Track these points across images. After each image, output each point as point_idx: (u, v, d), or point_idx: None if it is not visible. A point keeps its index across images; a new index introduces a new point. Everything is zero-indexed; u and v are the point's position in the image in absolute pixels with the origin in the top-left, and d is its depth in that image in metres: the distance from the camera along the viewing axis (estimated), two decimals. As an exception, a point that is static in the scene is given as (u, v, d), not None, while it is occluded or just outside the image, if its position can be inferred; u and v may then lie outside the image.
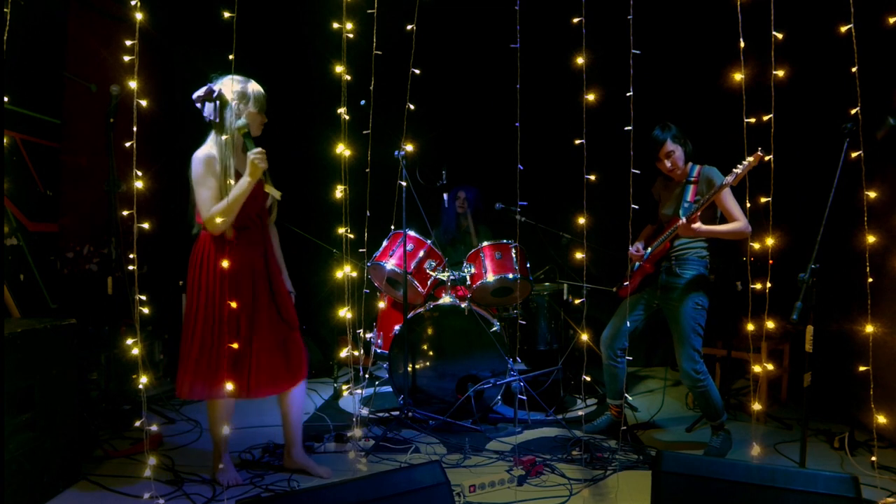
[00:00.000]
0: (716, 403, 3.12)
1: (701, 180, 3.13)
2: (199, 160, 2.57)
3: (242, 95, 2.61)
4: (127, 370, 3.80)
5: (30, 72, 3.50)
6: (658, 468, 2.07)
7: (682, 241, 3.17)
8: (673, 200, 3.22)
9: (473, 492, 2.64)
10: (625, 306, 3.34)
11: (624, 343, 3.32)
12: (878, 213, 2.98)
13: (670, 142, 3.13)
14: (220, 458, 2.76)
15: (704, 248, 3.19)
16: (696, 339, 3.10)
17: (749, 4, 2.33)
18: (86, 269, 4.18)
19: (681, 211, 3.11)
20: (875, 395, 2.47)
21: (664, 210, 3.26)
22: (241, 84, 2.61)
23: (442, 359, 3.72)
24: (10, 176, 3.37)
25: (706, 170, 3.15)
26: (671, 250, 3.18)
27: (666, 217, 3.23)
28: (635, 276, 3.35)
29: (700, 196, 3.09)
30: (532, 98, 2.96)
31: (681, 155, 3.17)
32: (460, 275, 3.80)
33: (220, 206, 2.51)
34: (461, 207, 4.74)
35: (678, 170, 3.18)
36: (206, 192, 2.54)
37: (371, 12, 2.51)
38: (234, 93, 2.59)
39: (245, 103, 2.61)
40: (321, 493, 1.83)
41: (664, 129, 3.14)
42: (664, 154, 3.14)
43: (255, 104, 2.63)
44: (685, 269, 3.15)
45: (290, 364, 2.73)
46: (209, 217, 2.53)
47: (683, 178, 3.21)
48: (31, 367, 2.50)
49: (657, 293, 3.24)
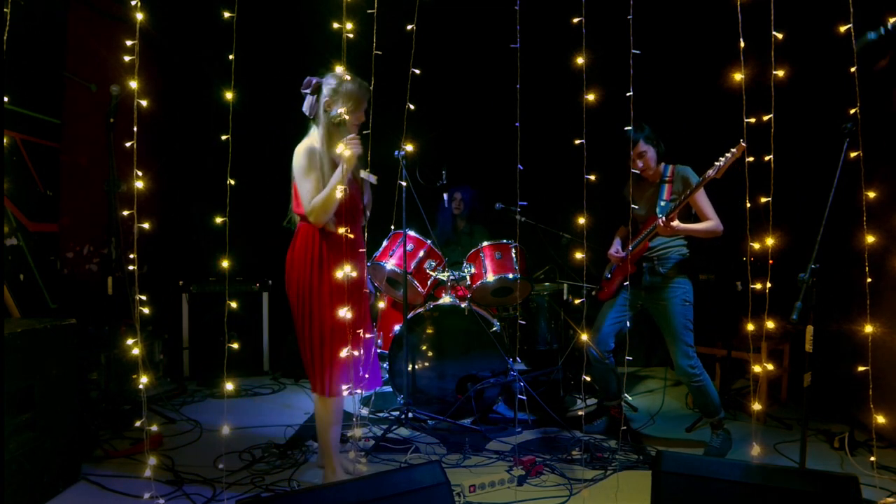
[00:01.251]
0: (713, 399, 3.13)
1: (676, 179, 3.16)
2: (300, 153, 2.60)
3: (335, 92, 2.60)
4: (127, 370, 3.80)
5: (30, 72, 3.51)
6: (658, 468, 2.07)
7: (662, 241, 3.19)
8: (647, 200, 3.24)
9: (473, 492, 2.64)
10: (604, 307, 3.39)
11: (610, 345, 3.35)
12: (877, 213, 2.98)
13: (642, 142, 3.15)
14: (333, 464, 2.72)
15: (685, 245, 3.23)
16: (688, 335, 3.13)
17: (749, 4, 2.33)
18: (86, 269, 4.18)
19: (657, 210, 3.12)
20: (875, 395, 2.47)
21: (639, 210, 3.28)
22: (335, 81, 2.61)
23: (442, 359, 3.72)
24: (10, 176, 3.37)
25: (680, 169, 3.18)
26: (652, 250, 3.20)
27: (641, 217, 3.25)
28: (615, 278, 3.37)
29: (676, 195, 3.11)
30: (532, 98, 2.96)
31: (653, 155, 3.19)
32: (460, 275, 3.80)
33: (320, 197, 2.53)
34: (457, 208, 4.74)
35: (650, 170, 3.21)
36: (307, 184, 2.57)
37: (371, 12, 2.51)
38: (328, 88, 2.61)
39: (336, 100, 2.61)
40: (321, 493, 1.84)
41: (637, 129, 3.13)
42: (636, 154, 3.16)
43: (346, 102, 2.60)
44: (668, 267, 3.17)
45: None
46: (311, 209, 2.55)
47: (657, 178, 3.22)
48: (31, 367, 2.50)
49: (641, 293, 3.26)
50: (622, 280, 3.29)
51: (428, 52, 2.79)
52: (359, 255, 2.69)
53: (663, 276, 3.17)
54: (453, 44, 4.74)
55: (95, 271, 4.26)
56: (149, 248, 4.56)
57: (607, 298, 3.42)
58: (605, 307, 3.41)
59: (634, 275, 3.25)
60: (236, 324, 4.74)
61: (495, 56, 3.39)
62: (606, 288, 3.44)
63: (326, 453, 2.70)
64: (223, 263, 2.54)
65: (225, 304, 4.56)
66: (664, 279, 3.16)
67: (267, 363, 4.82)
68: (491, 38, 3.61)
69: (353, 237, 2.65)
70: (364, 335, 2.64)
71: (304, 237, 2.65)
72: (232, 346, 4.46)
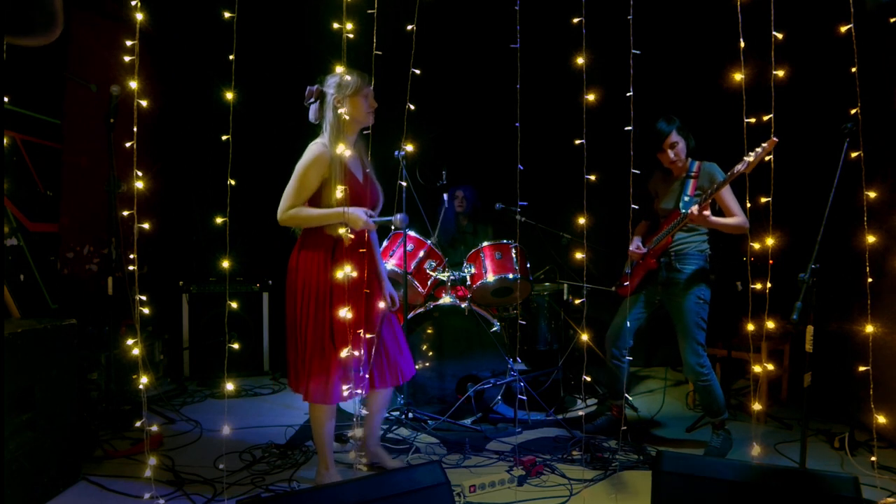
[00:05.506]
0: (718, 399, 3.13)
1: (702, 175, 3.14)
2: (310, 151, 2.56)
3: (339, 86, 2.58)
4: (127, 370, 3.80)
5: (30, 72, 3.51)
6: (658, 468, 2.07)
7: (682, 236, 3.17)
8: (672, 194, 3.22)
9: (473, 492, 2.64)
10: (626, 305, 3.34)
11: (629, 342, 3.33)
12: (878, 213, 2.99)
13: (675, 133, 3.15)
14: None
15: (704, 241, 3.20)
16: (700, 333, 3.11)
17: (749, 4, 2.33)
18: (86, 269, 4.18)
19: (681, 205, 3.11)
20: (875, 395, 2.47)
21: (663, 204, 3.26)
22: (336, 78, 2.59)
23: (442, 359, 3.71)
24: (10, 176, 3.37)
25: (707, 165, 3.16)
26: (671, 245, 3.18)
27: (665, 211, 3.23)
28: (636, 274, 3.34)
29: (701, 190, 3.10)
30: (532, 98, 2.96)
31: (683, 147, 3.18)
32: (460, 275, 3.80)
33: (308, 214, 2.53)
34: (460, 206, 4.75)
35: (680, 162, 3.19)
36: (294, 185, 2.53)
37: (371, 12, 2.51)
38: (332, 88, 2.59)
39: (342, 92, 2.58)
40: (321, 493, 1.84)
41: (669, 121, 3.16)
42: (668, 145, 3.15)
43: (350, 88, 2.58)
44: (685, 263, 3.15)
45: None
46: (284, 212, 2.52)
47: (683, 173, 3.21)
48: (31, 367, 2.50)
49: (658, 289, 3.24)
50: (644, 276, 3.27)
51: (428, 52, 2.79)
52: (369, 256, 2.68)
53: (680, 272, 3.15)
54: (453, 44, 4.74)
55: (95, 271, 4.27)
56: (149, 248, 4.56)
57: (629, 294, 3.37)
58: (627, 303, 3.34)
59: (653, 270, 3.24)
60: (236, 324, 4.74)
61: (495, 56, 3.39)
62: (628, 283, 3.40)
63: (318, 452, 2.70)
64: (223, 263, 2.54)
65: (225, 304, 4.57)
66: (681, 275, 3.14)
67: (267, 363, 4.82)
68: (491, 38, 3.61)
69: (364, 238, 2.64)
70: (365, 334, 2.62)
71: (314, 239, 2.61)
72: (232, 346, 4.47)
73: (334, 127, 2.58)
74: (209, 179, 4.91)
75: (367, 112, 2.63)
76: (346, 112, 2.57)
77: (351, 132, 2.64)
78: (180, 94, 5.01)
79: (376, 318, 2.71)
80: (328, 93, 2.61)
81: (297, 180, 2.54)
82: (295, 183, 2.54)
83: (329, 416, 2.66)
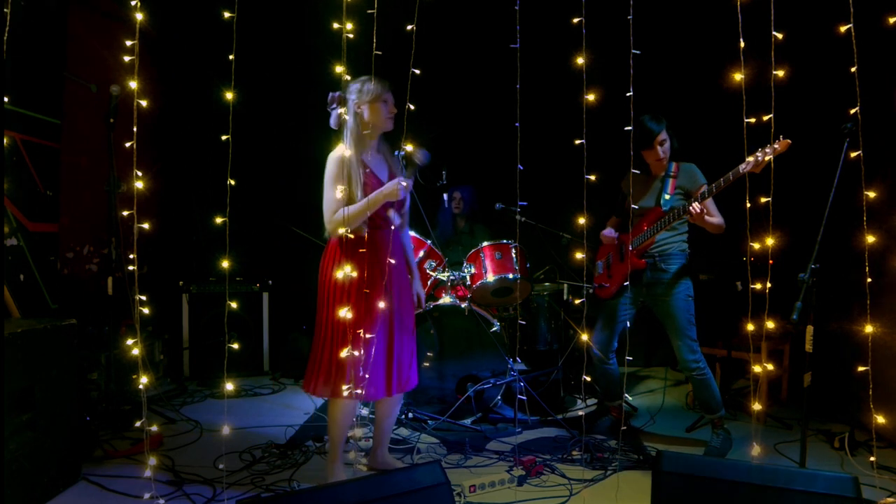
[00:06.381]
0: (715, 394, 3.15)
1: (681, 175, 3.17)
2: (332, 160, 2.61)
3: (360, 92, 2.63)
4: (127, 370, 3.80)
5: (30, 72, 3.51)
6: (658, 468, 2.07)
7: (666, 236, 3.19)
8: (651, 193, 3.24)
9: (473, 492, 2.64)
10: (610, 308, 3.37)
11: (615, 344, 3.36)
12: (877, 213, 2.98)
13: (665, 132, 3.19)
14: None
15: (685, 241, 3.24)
16: (692, 329, 3.14)
17: (749, 4, 2.33)
18: (86, 269, 4.18)
19: (662, 204, 3.12)
20: (875, 395, 2.47)
21: (642, 202, 3.27)
22: (358, 84, 2.64)
23: (442, 359, 3.72)
24: (10, 176, 3.37)
25: (685, 166, 3.20)
26: (654, 246, 3.20)
27: (643, 209, 3.24)
28: (617, 276, 3.34)
29: (681, 189, 3.14)
30: (532, 98, 2.96)
31: (669, 146, 3.20)
32: (460, 275, 3.80)
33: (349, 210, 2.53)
34: (457, 207, 4.74)
35: (665, 160, 3.21)
36: (330, 193, 2.58)
37: (371, 12, 2.50)
38: (355, 94, 2.63)
39: (364, 98, 2.63)
40: (321, 493, 1.84)
41: (659, 120, 3.18)
42: (659, 142, 3.17)
43: (370, 94, 2.63)
44: (670, 263, 3.17)
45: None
46: (329, 221, 2.58)
47: (661, 172, 3.23)
48: (31, 367, 2.50)
49: (642, 290, 3.25)
50: (627, 276, 3.28)
51: (428, 52, 2.78)
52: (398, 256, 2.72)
53: (665, 272, 3.17)
54: (453, 44, 4.74)
55: (95, 271, 4.27)
56: (149, 248, 4.56)
57: (609, 297, 3.38)
58: (610, 306, 3.37)
59: (637, 271, 3.24)
60: (236, 324, 4.74)
61: (495, 56, 3.38)
62: (609, 286, 3.41)
63: (330, 450, 2.72)
64: (223, 263, 2.54)
65: (225, 304, 4.56)
66: (665, 275, 3.16)
67: (267, 363, 4.82)
68: (491, 38, 3.61)
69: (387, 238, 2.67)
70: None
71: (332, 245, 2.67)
72: (232, 346, 4.47)
73: (354, 132, 2.63)
74: (209, 179, 4.91)
75: (386, 118, 2.69)
76: (367, 117, 2.63)
77: (371, 136, 2.69)
78: (180, 94, 5.01)
79: (407, 315, 2.75)
80: (350, 98, 2.65)
81: (329, 190, 2.60)
82: (329, 192, 2.59)
83: (342, 417, 2.67)
